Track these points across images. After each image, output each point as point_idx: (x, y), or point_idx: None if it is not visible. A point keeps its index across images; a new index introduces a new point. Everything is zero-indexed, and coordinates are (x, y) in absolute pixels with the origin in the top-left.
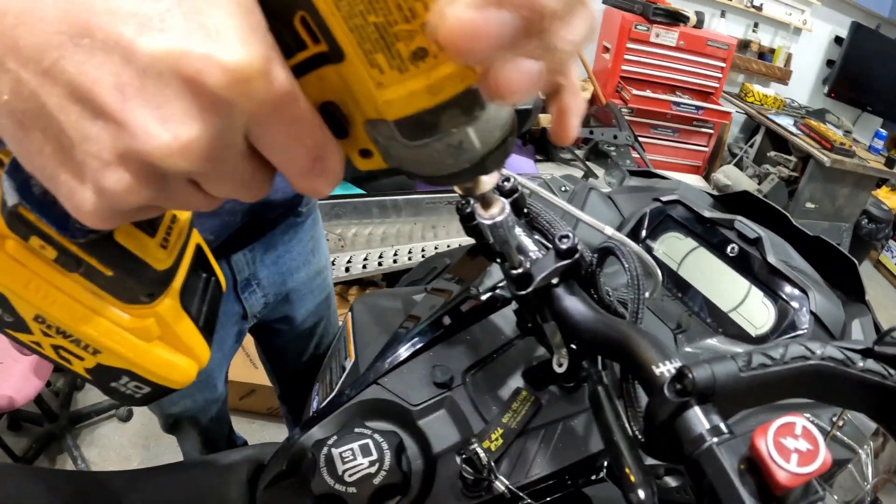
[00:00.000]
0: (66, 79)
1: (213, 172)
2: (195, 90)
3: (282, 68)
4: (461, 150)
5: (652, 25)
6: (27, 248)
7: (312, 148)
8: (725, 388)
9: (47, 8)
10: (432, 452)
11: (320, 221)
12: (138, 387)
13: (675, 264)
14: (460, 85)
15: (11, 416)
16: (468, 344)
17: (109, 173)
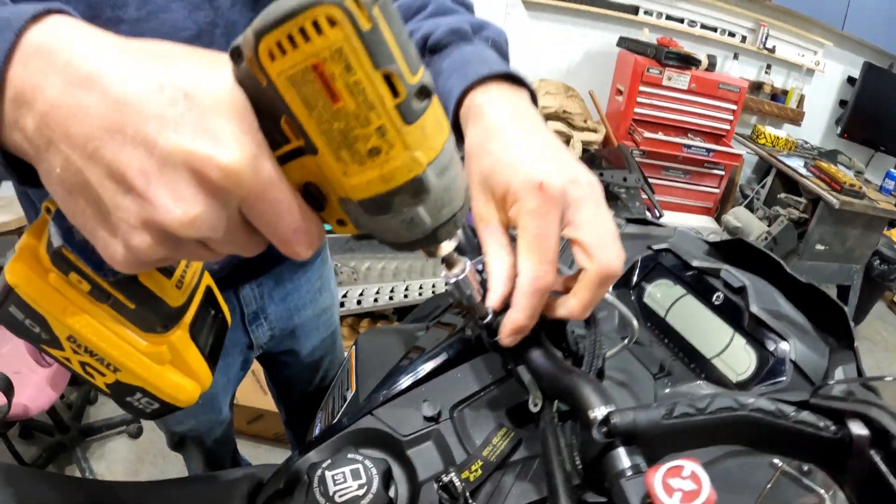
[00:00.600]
0: (104, 162)
1: (215, 237)
2: (200, 179)
3: (267, 161)
4: (413, 224)
5: (664, 69)
6: (66, 281)
7: (291, 222)
8: (647, 432)
9: (91, 107)
10: (418, 480)
11: (329, 261)
12: (149, 402)
13: (663, 311)
14: (408, 175)
15: (24, 425)
16: (458, 381)
17: (136, 235)
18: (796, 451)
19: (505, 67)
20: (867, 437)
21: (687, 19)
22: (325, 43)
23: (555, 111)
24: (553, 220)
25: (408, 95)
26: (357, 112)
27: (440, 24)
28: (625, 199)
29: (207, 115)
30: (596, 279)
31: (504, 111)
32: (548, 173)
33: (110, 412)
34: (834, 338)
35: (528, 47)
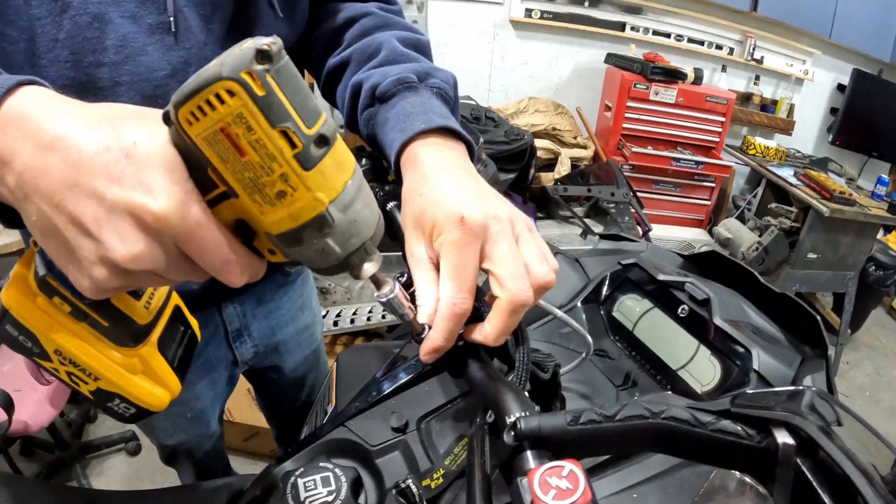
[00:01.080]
0: (67, 211)
1: (160, 269)
2: (139, 223)
3: (195, 205)
4: (325, 253)
5: (651, 84)
6: (51, 303)
7: (220, 255)
8: (553, 437)
9: (54, 166)
10: (385, 488)
11: (311, 282)
12: (127, 408)
13: (631, 324)
14: (312, 213)
15: (25, 442)
16: (426, 394)
17: (95, 269)
18: (721, 460)
19: (443, 121)
20: (793, 446)
21: (674, 34)
22: (228, 110)
23: (544, 128)
24: (472, 251)
25: (304, 146)
26: (261, 163)
27: (388, 74)
28: (614, 213)
29: (144, 170)
30: (507, 307)
31: (437, 160)
32: (469, 208)
33: (109, 430)
34: (809, 346)
35: (518, 66)
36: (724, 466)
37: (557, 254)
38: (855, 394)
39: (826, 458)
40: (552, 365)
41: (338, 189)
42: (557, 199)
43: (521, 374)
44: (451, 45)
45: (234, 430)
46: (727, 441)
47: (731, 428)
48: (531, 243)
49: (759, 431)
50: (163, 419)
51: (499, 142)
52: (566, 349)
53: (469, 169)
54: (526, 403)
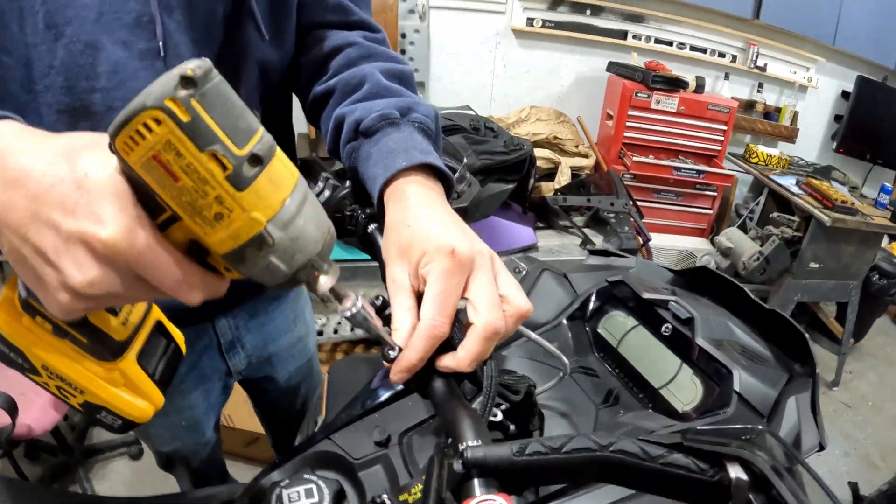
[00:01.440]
0: (31, 242)
1: (118, 292)
2: (91, 251)
3: (143, 230)
4: (271, 271)
5: (652, 92)
6: (34, 322)
7: (172, 276)
8: (499, 467)
9: (17, 201)
10: (367, 500)
11: (305, 295)
12: (114, 419)
13: (615, 341)
14: (250, 232)
15: (29, 445)
16: (409, 409)
17: (59, 294)
18: (672, 492)
19: (423, 158)
20: (747, 481)
21: (676, 42)
22: (156, 138)
23: (545, 137)
24: (458, 282)
25: (235, 167)
26: (195, 187)
27: (371, 110)
28: (613, 224)
29: (95, 200)
30: (483, 333)
31: (421, 196)
32: (459, 242)
33: (112, 434)
34: (798, 364)
35: (520, 75)
36: (676, 499)
37: (545, 270)
38: (858, 403)
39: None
40: (525, 386)
41: (275, 207)
42: (557, 209)
43: (488, 400)
44: (452, 53)
45: (234, 436)
46: (677, 475)
47: (682, 462)
48: (508, 278)
49: (713, 465)
50: (158, 427)
51: (498, 152)
52: (548, 366)
53: (448, 207)
54: (480, 431)
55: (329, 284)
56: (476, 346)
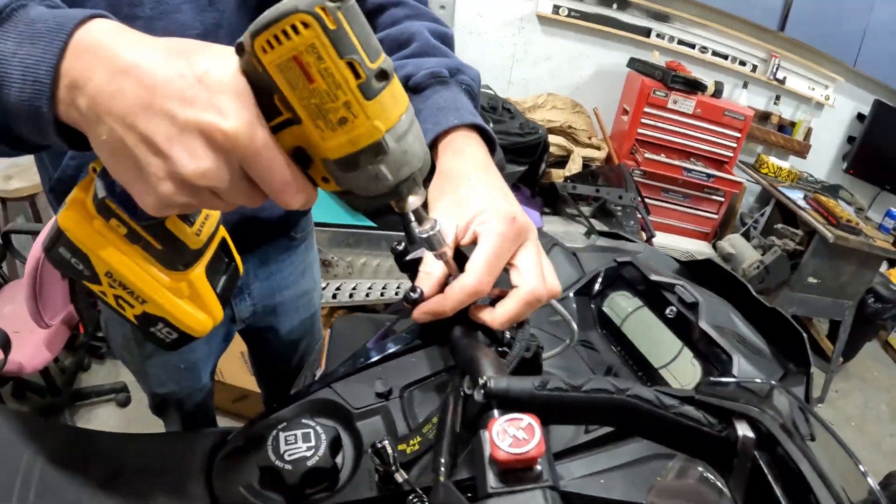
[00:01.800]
0: (138, 130)
1: (224, 187)
2: (209, 141)
3: (261, 128)
4: (378, 179)
5: (670, 92)
6: (107, 226)
7: (281, 176)
8: (520, 399)
9: (128, 89)
10: (363, 449)
11: (314, 249)
12: (169, 332)
13: (619, 320)
14: (370, 139)
15: (17, 385)
16: (412, 364)
17: (162, 185)
18: (680, 444)
19: (473, 119)
20: (753, 439)
21: (698, 45)
22: (301, 40)
23: (560, 126)
24: (510, 248)
25: (367, 77)
26: (328, 90)
27: (421, 67)
28: (619, 216)
29: (215, 94)
30: (525, 297)
31: (477, 155)
32: (518, 213)
33: (100, 380)
34: (793, 363)
35: (540, 61)
36: (682, 451)
37: (555, 245)
38: (842, 423)
39: (784, 454)
40: (535, 345)
41: (394, 120)
42: (565, 196)
43: (518, 354)
44: (475, 33)
45: (224, 391)
46: (687, 426)
47: (693, 414)
48: (548, 261)
49: (721, 421)
50: (156, 367)
51: (513, 133)
52: (552, 336)
53: (501, 177)
54: (500, 368)
55: (417, 204)
56: (516, 307)
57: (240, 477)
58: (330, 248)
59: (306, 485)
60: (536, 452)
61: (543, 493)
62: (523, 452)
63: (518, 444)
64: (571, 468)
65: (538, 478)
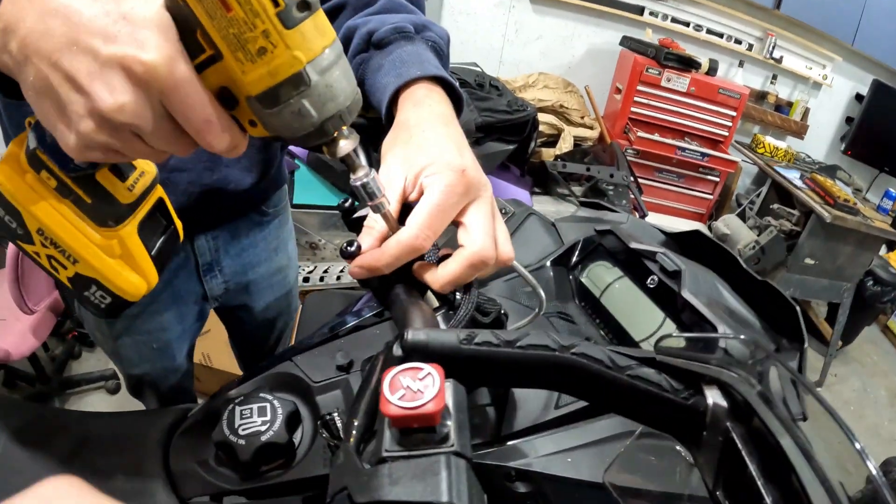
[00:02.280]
0: (63, 68)
1: (144, 126)
2: (128, 74)
3: (182, 63)
4: (301, 116)
5: (664, 70)
6: (38, 179)
7: (202, 114)
8: (442, 353)
9: (55, 28)
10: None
11: (289, 226)
12: (103, 296)
13: (598, 291)
14: (290, 70)
15: (8, 373)
16: (376, 337)
17: (82, 122)
18: (638, 413)
19: (437, 71)
20: (725, 408)
21: (693, 23)
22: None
23: (551, 105)
24: (457, 202)
25: (287, 6)
26: (245, 19)
27: (385, 22)
28: (611, 196)
29: (138, 30)
30: (470, 258)
31: (437, 108)
32: (470, 167)
33: (91, 367)
34: (786, 339)
35: (532, 41)
36: (642, 421)
37: (531, 214)
38: (840, 407)
39: (761, 426)
40: (495, 310)
41: (316, 51)
42: (556, 175)
43: (464, 315)
44: (465, 13)
45: (212, 377)
46: (647, 391)
47: (653, 377)
48: (502, 224)
49: (688, 387)
50: (128, 348)
51: (500, 111)
52: (525, 307)
53: (460, 130)
54: (430, 324)
55: (349, 148)
56: (459, 268)
57: (196, 453)
58: (318, 230)
59: (261, 461)
60: (434, 408)
61: (447, 458)
62: (415, 406)
63: (412, 397)
64: (537, 445)
65: (443, 441)
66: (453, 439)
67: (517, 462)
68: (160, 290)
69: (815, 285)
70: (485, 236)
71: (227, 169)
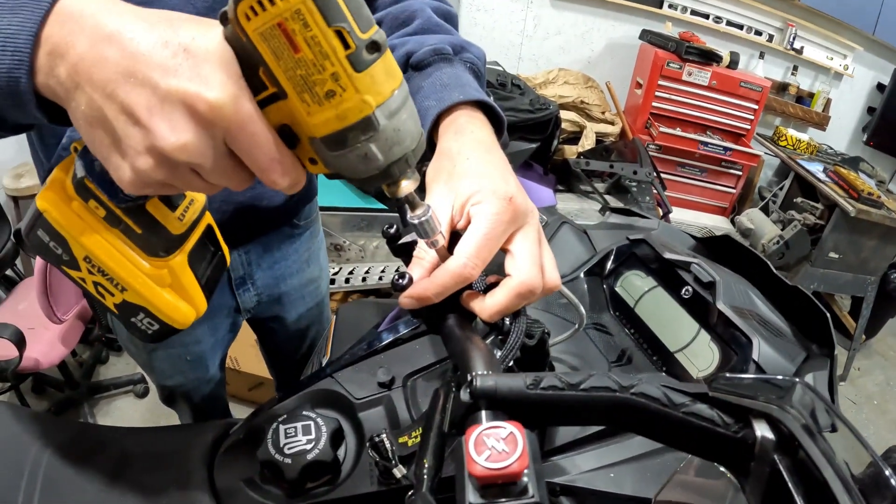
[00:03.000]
0: (118, 100)
1: (205, 164)
2: (191, 112)
3: (247, 101)
4: (368, 159)
5: (685, 64)
6: (86, 207)
7: (268, 152)
8: (509, 399)
9: (111, 58)
10: (365, 441)
11: (320, 236)
12: (150, 323)
13: (633, 301)
14: (359, 114)
15: (36, 380)
16: (416, 352)
17: (140, 158)
18: (692, 446)
19: (479, 95)
20: (772, 440)
21: (713, 15)
22: (286, 6)
23: (572, 101)
24: (506, 229)
25: (357, 48)
26: (314, 60)
27: (424, 43)
28: (635, 192)
29: (200, 64)
30: (517, 288)
31: (479, 134)
32: (517, 194)
33: (119, 372)
34: (816, 344)
35: (550, 36)
36: (695, 453)
37: (564, 223)
38: (863, 402)
39: (806, 458)
40: (539, 332)
41: (385, 95)
42: (579, 172)
43: (513, 345)
44: (483, 10)
45: (239, 379)
46: (700, 426)
47: (707, 413)
48: (548, 248)
49: (738, 421)
50: (162, 360)
51: (523, 110)
52: (562, 320)
53: (503, 156)
54: (492, 363)
55: (410, 189)
56: (507, 299)
57: (241, 470)
58: (342, 232)
59: (306, 478)
60: (518, 468)
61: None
62: (502, 468)
63: (497, 457)
64: (579, 461)
65: (523, 492)
66: (532, 490)
67: (562, 478)
68: None
69: (840, 279)
70: (531, 265)
71: (260, 186)
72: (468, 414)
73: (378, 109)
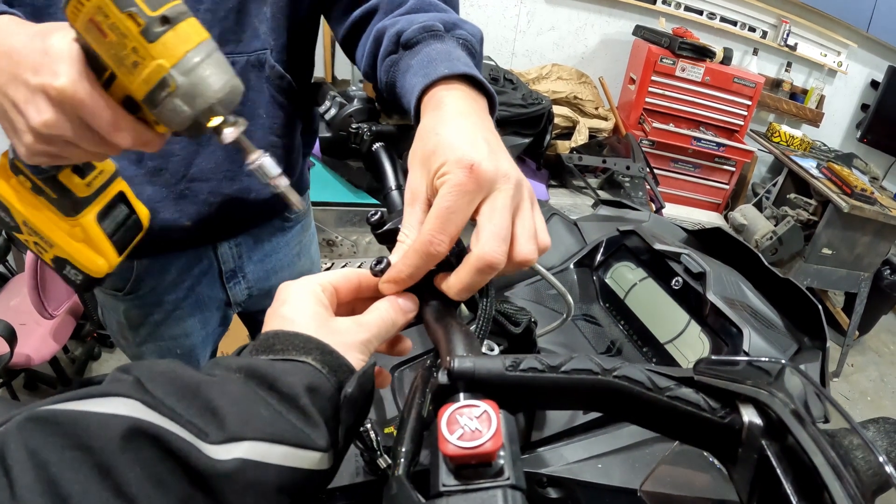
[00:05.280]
0: (9, 97)
1: (68, 135)
2: (48, 98)
3: (85, 82)
4: (176, 112)
5: (678, 59)
6: (18, 181)
7: (107, 120)
8: (488, 381)
9: (5, 68)
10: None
11: (312, 230)
12: (76, 274)
13: (622, 292)
14: (157, 76)
15: (29, 376)
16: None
17: (26, 136)
18: (677, 431)
19: (467, 69)
20: (760, 426)
21: (706, 11)
22: (91, 4)
23: (565, 96)
24: (469, 201)
25: (147, 24)
26: (118, 41)
27: (414, 21)
28: (628, 188)
29: (54, 61)
30: (475, 263)
31: (461, 105)
32: (483, 160)
33: (110, 368)
34: (808, 336)
35: (544, 32)
36: (680, 439)
37: (554, 215)
38: (857, 398)
39: (795, 444)
40: (525, 320)
41: (178, 56)
42: (572, 167)
43: (482, 325)
44: (477, 5)
45: None
46: (685, 411)
47: (692, 397)
48: (528, 217)
49: (724, 406)
50: (152, 353)
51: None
52: (552, 310)
53: (488, 123)
54: (471, 347)
55: (234, 135)
56: (467, 275)
57: None
58: (335, 227)
59: None
60: (492, 447)
61: (504, 492)
62: (474, 447)
63: (470, 436)
64: (567, 452)
65: (499, 474)
66: (508, 472)
67: (549, 469)
68: (183, 297)
69: (833, 275)
70: (490, 238)
71: (247, 179)
72: (446, 397)
73: (173, 69)
